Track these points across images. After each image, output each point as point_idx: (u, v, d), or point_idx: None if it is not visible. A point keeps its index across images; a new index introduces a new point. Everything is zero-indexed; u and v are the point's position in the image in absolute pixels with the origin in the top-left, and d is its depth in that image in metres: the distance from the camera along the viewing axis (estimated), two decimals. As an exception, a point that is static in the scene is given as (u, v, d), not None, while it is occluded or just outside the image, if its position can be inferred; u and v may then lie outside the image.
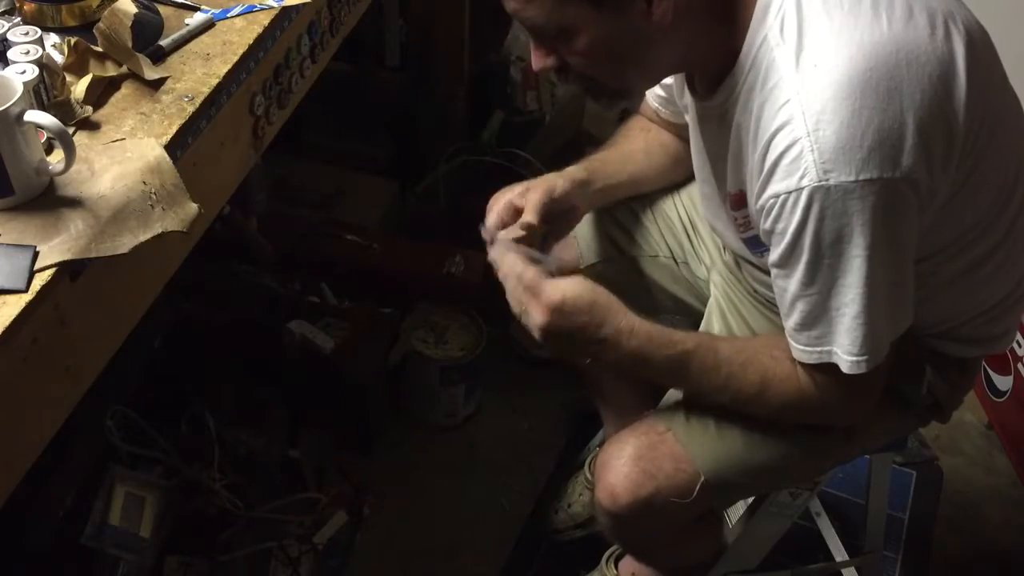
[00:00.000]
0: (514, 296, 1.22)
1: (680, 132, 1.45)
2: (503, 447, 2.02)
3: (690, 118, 1.32)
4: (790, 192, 1.06)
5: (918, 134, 1.04)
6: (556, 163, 1.51)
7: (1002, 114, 1.16)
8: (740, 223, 1.25)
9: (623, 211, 1.54)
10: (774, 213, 1.09)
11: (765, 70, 1.08)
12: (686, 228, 1.53)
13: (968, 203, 1.14)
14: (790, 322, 1.16)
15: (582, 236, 1.54)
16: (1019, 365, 2.01)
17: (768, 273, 1.27)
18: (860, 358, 1.13)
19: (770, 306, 1.37)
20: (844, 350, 1.13)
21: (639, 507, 1.30)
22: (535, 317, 1.20)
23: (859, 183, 1.03)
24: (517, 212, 1.33)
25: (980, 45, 1.12)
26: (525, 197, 1.34)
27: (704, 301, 1.53)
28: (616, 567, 1.74)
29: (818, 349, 1.15)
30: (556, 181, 1.37)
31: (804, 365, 1.18)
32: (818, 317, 1.13)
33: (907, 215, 1.08)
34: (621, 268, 1.54)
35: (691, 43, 1.12)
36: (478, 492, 1.94)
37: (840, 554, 1.73)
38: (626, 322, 1.21)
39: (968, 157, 1.10)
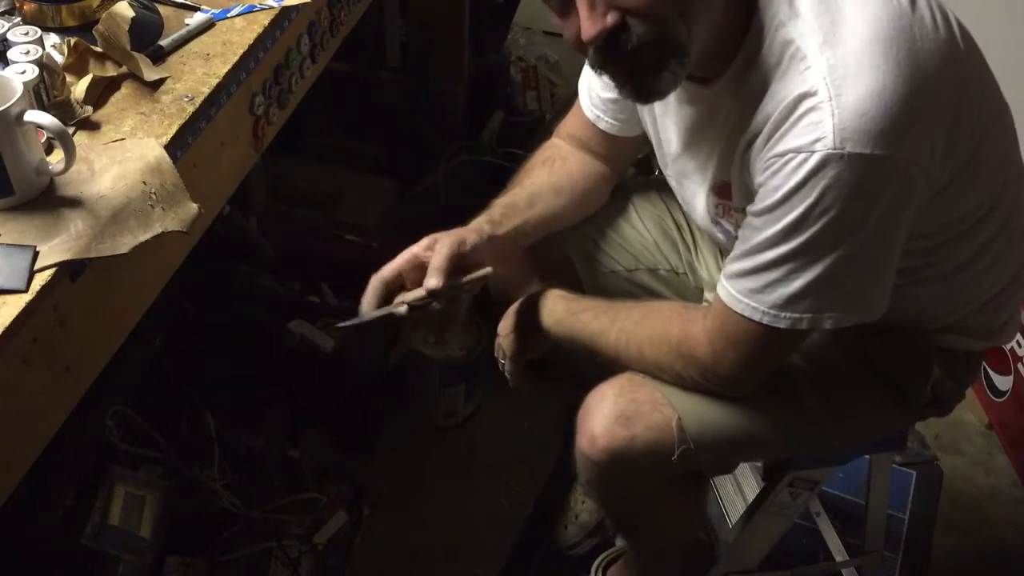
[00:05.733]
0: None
1: (605, 148, 1.42)
2: (503, 447, 2.02)
3: (663, 105, 1.26)
4: (800, 151, 1.03)
5: (931, 113, 1.04)
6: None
7: (999, 101, 1.17)
8: (719, 208, 1.25)
9: (617, 227, 1.51)
10: (775, 167, 1.06)
11: (780, 46, 1.06)
12: (687, 241, 1.51)
13: (971, 185, 1.13)
14: (738, 265, 1.13)
15: (575, 254, 1.50)
16: (1019, 365, 2.01)
17: None
18: (785, 314, 1.11)
19: None
20: (770, 304, 1.11)
21: (619, 450, 1.26)
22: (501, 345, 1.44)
23: (872, 157, 1.01)
24: (420, 267, 1.24)
25: (968, 36, 1.13)
26: (432, 250, 1.24)
27: None
28: (604, 575, 1.73)
29: (750, 303, 1.13)
30: (466, 235, 1.28)
31: (715, 312, 1.17)
32: (772, 273, 1.10)
33: (907, 198, 1.07)
34: (614, 282, 1.51)
35: (724, 10, 1.09)
36: (478, 492, 1.94)
37: (840, 554, 1.73)
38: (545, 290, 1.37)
39: (971, 138, 1.10)
